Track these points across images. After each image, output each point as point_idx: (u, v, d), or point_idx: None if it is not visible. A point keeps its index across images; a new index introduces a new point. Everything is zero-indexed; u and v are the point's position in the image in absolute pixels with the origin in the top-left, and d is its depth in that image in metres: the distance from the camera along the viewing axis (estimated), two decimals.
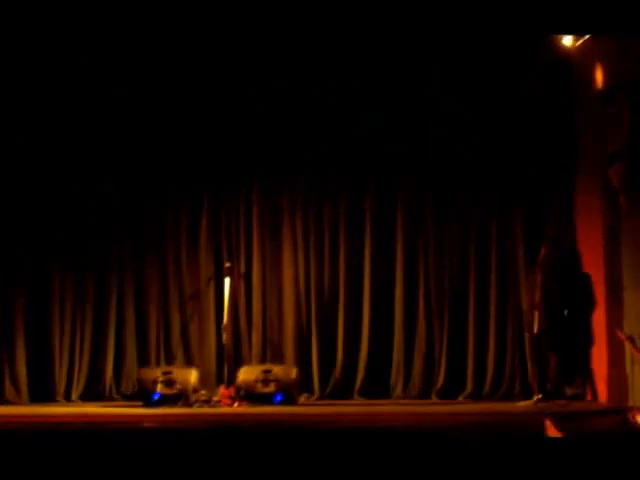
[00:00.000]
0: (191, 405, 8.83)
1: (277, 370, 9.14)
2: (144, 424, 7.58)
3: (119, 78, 9.79)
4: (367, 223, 9.97)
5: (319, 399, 9.67)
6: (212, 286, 10.01)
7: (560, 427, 6.43)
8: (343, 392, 9.74)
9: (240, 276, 10.01)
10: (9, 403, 9.48)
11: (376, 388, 9.74)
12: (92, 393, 9.84)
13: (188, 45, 9.34)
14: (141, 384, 9.23)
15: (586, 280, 8.99)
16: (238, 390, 8.97)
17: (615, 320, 8.72)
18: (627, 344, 8.44)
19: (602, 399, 8.81)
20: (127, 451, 5.51)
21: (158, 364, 9.82)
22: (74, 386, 9.84)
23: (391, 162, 9.88)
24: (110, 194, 10.00)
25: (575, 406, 8.44)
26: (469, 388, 9.58)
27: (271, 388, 8.98)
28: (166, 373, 9.13)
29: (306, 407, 9.12)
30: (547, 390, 8.76)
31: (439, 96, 9.72)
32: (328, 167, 9.97)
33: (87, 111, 9.86)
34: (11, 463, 5.35)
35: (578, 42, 9.08)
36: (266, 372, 9.06)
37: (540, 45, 9.27)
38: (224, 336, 9.36)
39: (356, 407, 9.17)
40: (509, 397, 9.31)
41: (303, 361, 9.78)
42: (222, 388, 9.08)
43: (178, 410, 8.66)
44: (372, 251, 9.93)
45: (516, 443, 5.52)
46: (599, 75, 8.93)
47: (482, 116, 9.71)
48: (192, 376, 9.19)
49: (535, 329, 8.75)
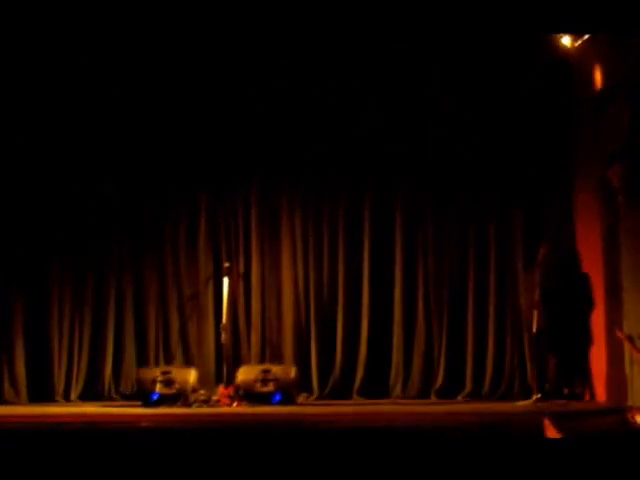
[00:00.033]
0: (190, 405, 8.83)
1: (276, 370, 9.14)
2: (143, 424, 7.57)
3: (119, 78, 9.79)
4: (366, 222, 9.97)
5: (318, 399, 9.67)
6: (211, 286, 10.01)
7: (559, 427, 6.42)
8: (342, 392, 9.74)
9: (239, 276, 10.00)
10: (8, 403, 9.48)
11: (375, 388, 9.74)
12: (91, 393, 9.84)
13: (188, 45, 9.33)
14: (140, 384, 9.23)
15: (585, 280, 8.99)
16: (237, 390, 8.97)
17: (614, 320, 8.72)
18: (626, 344, 8.44)
19: (601, 399, 8.82)
20: (126, 451, 5.51)
21: (157, 364, 9.82)
22: (73, 386, 9.84)
23: (390, 162, 9.88)
24: (109, 194, 10.00)
25: (574, 406, 8.44)
26: (468, 388, 9.58)
27: (270, 388, 8.98)
28: (165, 373, 9.13)
29: (305, 407, 9.12)
30: (546, 390, 8.76)
31: (438, 96, 9.73)
32: (327, 167, 9.97)
33: (87, 111, 9.86)
34: (10, 463, 5.34)
35: (577, 42, 9.08)
36: (265, 372, 9.06)
37: (539, 45, 9.28)
38: (223, 336, 9.35)
39: (355, 407, 9.17)
40: (508, 397, 9.30)
41: (302, 361, 9.78)
42: (221, 388, 9.08)
43: (177, 410, 8.66)
44: (371, 250, 9.93)
45: (515, 443, 5.52)
46: (598, 75, 8.92)
47: (481, 116, 9.72)
48: (191, 376, 9.19)
49: (534, 329, 8.77)
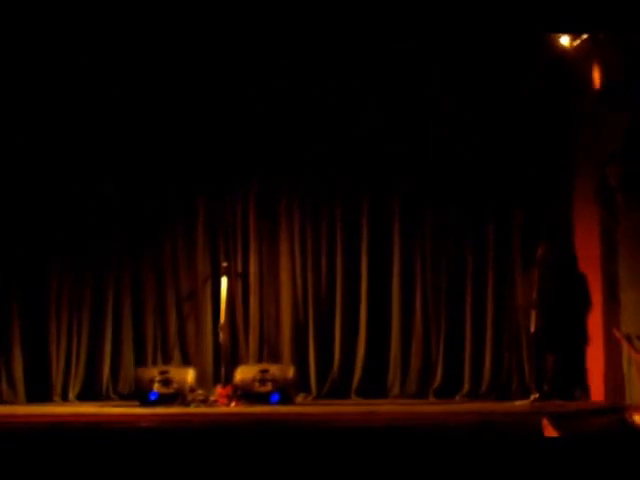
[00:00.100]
0: (188, 405, 8.82)
1: (274, 369, 9.13)
2: (141, 424, 7.57)
3: (119, 78, 9.79)
4: (365, 222, 9.96)
5: (316, 399, 9.67)
6: (209, 286, 10.01)
7: (557, 426, 6.43)
8: (340, 391, 9.75)
9: (237, 275, 10.00)
10: (6, 403, 9.46)
11: (373, 387, 9.74)
12: (89, 393, 9.84)
13: (188, 45, 9.36)
14: (138, 383, 9.22)
15: (582, 280, 8.98)
16: (235, 389, 8.95)
17: (612, 320, 8.73)
18: (624, 343, 8.45)
19: (599, 398, 8.82)
20: (124, 451, 5.51)
21: (155, 363, 9.82)
22: (71, 386, 9.84)
23: (389, 162, 9.88)
24: (108, 194, 9.99)
25: (572, 405, 8.44)
26: (466, 387, 9.58)
27: (268, 388, 8.97)
28: (163, 372, 9.12)
29: (303, 407, 9.11)
30: (544, 389, 8.76)
31: (438, 96, 9.74)
32: (327, 167, 9.97)
33: (87, 111, 9.85)
34: (8, 463, 5.34)
35: (576, 42, 9.08)
36: (263, 372, 9.05)
37: (539, 45, 9.27)
38: (221, 335, 9.34)
39: (353, 407, 9.16)
40: (506, 396, 9.29)
41: (300, 360, 9.78)
42: (219, 387, 9.06)
43: (175, 410, 8.64)
44: (369, 250, 9.93)
45: (513, 442, 5.52)
46: (597, 75, 8.93)
47: (481, 116, 9.71)
48: (189, 376, 9.18)
49: (532, 328, 8.77)
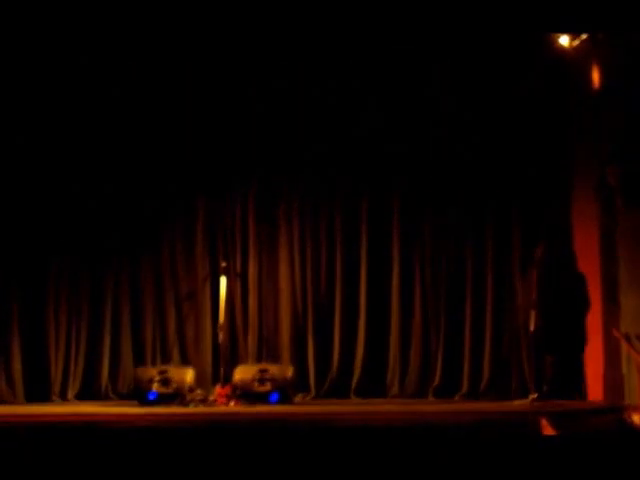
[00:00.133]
0: (187, 404, 8.81)
1: (273, 369, 9.13)
2: (140, 423, 7.57)
3: (119, 78, 9.77)
4: (364, 222, 9.96)
5: (315, 398, 9.66)
6: (208, 285, 10.01)
7: (556, 426, 6.44)
8: (339, 391, 9.74)
9: (236, 275, 9.99)
10: (5, 403, 9.45)
11: (372, 387, 9.74)
12: (88, 392, 9.83)
13: (188, 45, 9.35)
14: (137, 383, 9.22)
15: (581, 280, 8.98)
16: (234, 389, 8.95)
17: (611, 320, 8.73)
18: (623, 343, 8.46)
19: (598, 398, 8.82)
20: (123, 450, 5.51)
21: (154, 363, 9.81)
22: (70, 385, 9.82)
23: (389, 162, 9.87)
24: (108, 194, 9.97)
25: (571, 405, 8.44)
26: (465, 387, 9.58)
27: (267, 387, 8.97)
28: (162, 372, 9.12)
29: (302, 406, 9.11)
30: (543, 389, 8.76)
31: (438, 96, 9.73)
32: (327, 167, 9.96)
33: (87, 111, 9.84)
34: (7, 462, 5.34)
35: (575, 42, 9.08)
36: (262, 371, 9.05)
37: (538, 45, 9.28)
38: (220, 335, 9.34)
39: (352, 406, 9.17)
40: (505, 396, 9.30)
41: (299, 360, 9.78)
42: (218, 387, 9.05)
43: (174, 409, 8.64)
44: (369, 249, 9.93)
45: (512, 442, 5.52)
46: (596, 75, 8.93)
47: (480, 117, 9.71)
48: (188, 375, 9.19)
49: (531, 328, 8.78)
